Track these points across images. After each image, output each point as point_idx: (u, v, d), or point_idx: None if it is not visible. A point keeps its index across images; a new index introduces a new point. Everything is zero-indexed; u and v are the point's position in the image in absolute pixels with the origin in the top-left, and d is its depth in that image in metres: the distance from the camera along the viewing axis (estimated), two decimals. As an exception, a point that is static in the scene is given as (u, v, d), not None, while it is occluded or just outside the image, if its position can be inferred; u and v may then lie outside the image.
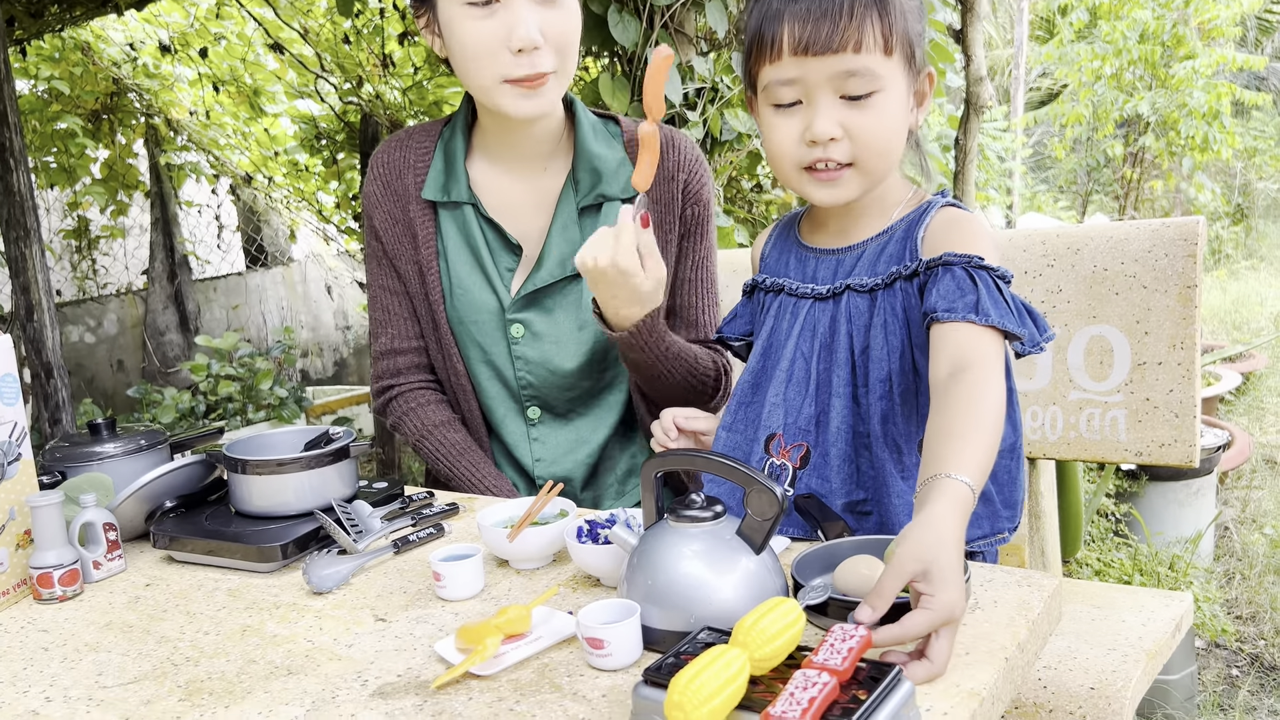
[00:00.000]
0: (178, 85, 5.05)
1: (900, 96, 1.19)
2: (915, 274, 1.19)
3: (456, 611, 1.09)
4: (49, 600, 1.19)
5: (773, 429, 1.29)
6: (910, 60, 1.19)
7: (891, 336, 1.21)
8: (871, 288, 1.23)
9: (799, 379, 1.28)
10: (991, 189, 7.69)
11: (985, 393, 1.04)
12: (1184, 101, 7.71)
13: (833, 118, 1.17)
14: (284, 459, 1.30)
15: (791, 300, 1.31)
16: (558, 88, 1.44)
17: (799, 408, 1.28)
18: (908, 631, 0.84)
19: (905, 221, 1.25)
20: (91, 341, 5.49)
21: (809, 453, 1.27)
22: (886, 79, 1.16)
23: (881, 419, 1.22)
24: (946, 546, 0.87)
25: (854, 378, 1.24)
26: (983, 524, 1.25)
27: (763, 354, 1.33)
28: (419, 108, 4.11)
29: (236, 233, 6.26)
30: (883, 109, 1.17)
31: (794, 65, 1.16)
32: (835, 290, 1.26)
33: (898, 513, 1.22)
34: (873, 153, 1.19)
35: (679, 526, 0.97)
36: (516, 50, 1.37)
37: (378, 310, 1.64)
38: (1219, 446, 3.29)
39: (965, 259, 1.15)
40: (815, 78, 1.16)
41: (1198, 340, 1.62)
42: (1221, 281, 9.42)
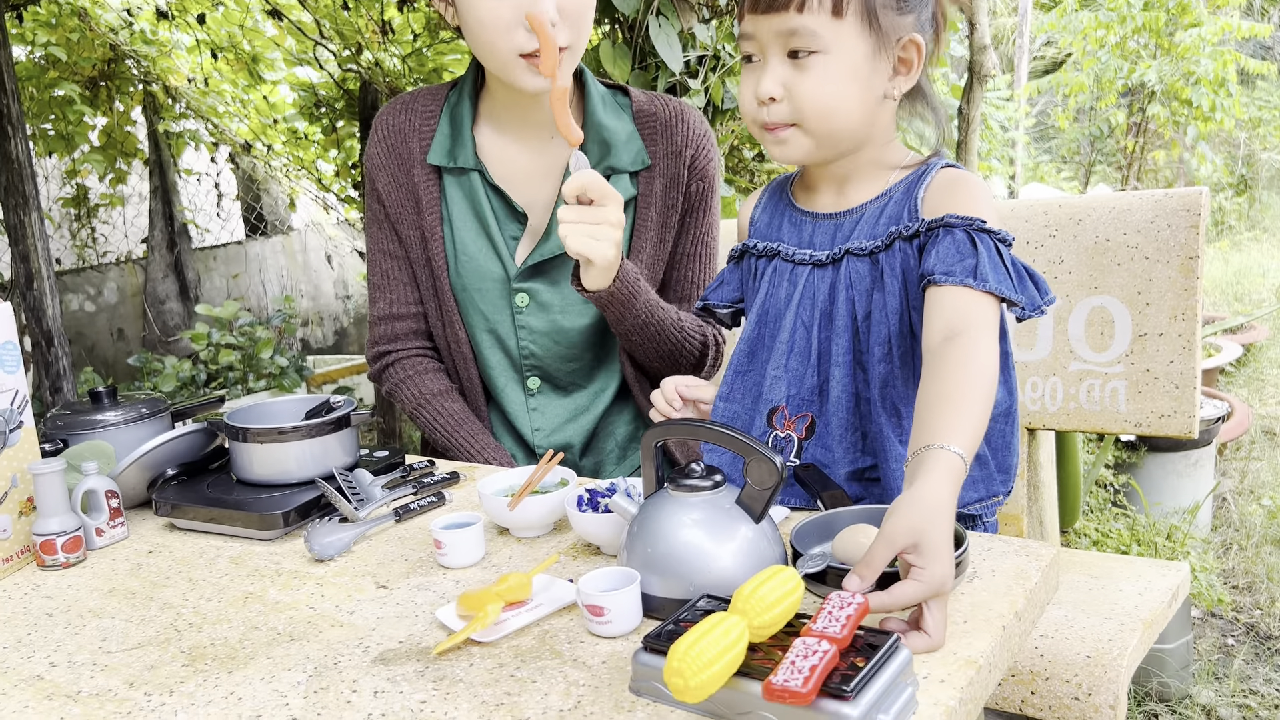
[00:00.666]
0: (175, 52, 5.01)
1: (851, 61, 1.16)
2: (916, 235, 1.18)
3: (457, 579, 1.09)
4: (52, 567, 1.20)
5: (775, 401, 1.29)
6: (870, 24, 1.16)
7: (891, 298, 1.20)
8: (872, 250, 1.21)
9: (800, 349, 1.27)
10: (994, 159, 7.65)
11: (977, 358, 1.04)
12: (1190, 70, 7.64)
13: (776, 77, 1.18)
14: (285, 427, 1.31)
15: (788, 266, 1.29)
16: (570, 62, 1.43)
17: (801, 378, 1.27)
18: (897, 600, 0.85)
19: (904, 183, 1.23)
20: (92, 310, 5.49)
21: (814, 423, 1.27)
22: (831, 41, 1.15)
23: (881, 384, 1.22)
24: (938, 518, 0.88)
25: (854, 344, 1.23)
26: (978, 487, 1.25)
27: (758, 322, 1.32)
28: (418, 75, 4.08)
29: (236, 201, 6.23)
30: (824, 71, 1.16)
31: (750, 22, 1.19)
32: (835, 256, 1.24)
33: (895, 477, 1.22)
34: (813, 114, 1.18)
35: (679, 495, 0.97)
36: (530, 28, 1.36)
37: (376, 274, 1.64)
38: (1218, 418, 3.29)
39: (967, 221, 1.14)
40: (765, 35, 1.17)
41: (1199, 311, 1.62)
42: (1224, 253, 9.39)
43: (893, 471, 1.22)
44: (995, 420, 1.24)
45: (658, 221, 1.56)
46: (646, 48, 2.49)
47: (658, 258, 1.58)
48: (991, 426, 1.24)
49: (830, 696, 0.72)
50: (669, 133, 1.55)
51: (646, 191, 1.55)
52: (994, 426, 1.24)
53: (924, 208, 1.20)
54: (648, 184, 1.55)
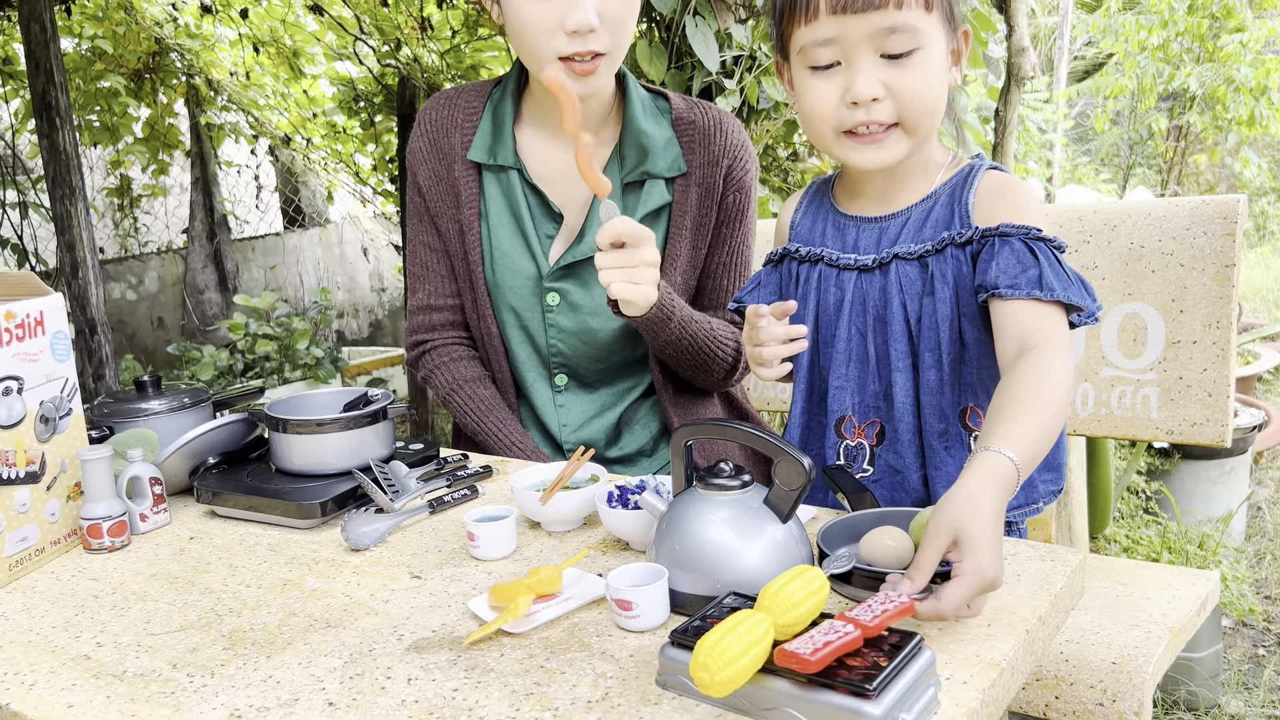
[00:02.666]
0: (218, 46, 5.09)
1: (941, 53, 1.16)
2: (969, 241, 1.18)
3: (489, 571, 1.12)
4: (98, 550, 1.24)
5: (841, 411, 1.28)
6: (949, 17, 1.16)
7: (941, 304, 1.19)
8: (921, 254, 1.20)
9: (858, 356, 1.26)
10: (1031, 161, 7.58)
11: (1049, 373, 1.04)
12: (1230, 76, 7.53)
13: (874, 77, 1.14)
14: (324, 419, 1.34)
15: (834, 272, 1.28)
16: (609, 68, 1.45)
17: (864, 385, 1.27)
18: (945, 604, 0.84)
19: (949, 186, 1.23)
20: (133, 299, 5.58)
21: (883, 429, 1.27)
22: (927, 35, 1.14)
23: (933, 390, 1.22)
24: (978, 513, 0.88)
25: (911, 348, 1.23)
26: (1018, 494, 1.25)
27: (814, 331, 1.30)
28: (456, 71, 4.11)
29: (275, 193, 6.31)
30: (925, 66, 1.15)
31: (831, 24, 1.13)
32: (883, 260, 1.23)
33: (937, 484, 1.23)
34: (918, 111, 1.16)
35: (707, 494, 0.99)
36: (571, 31, 1.38)
37: (416, 266, 1.67)
38: (1255, 426, 3.25)
39: (1024, 230, 1.13)
40: (854, 36, 1.13)
41: (1234, 320, 1.61)
42: (1265, 258, 9.24)
43: (934, 479, 1.23)
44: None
45: (691, 229, 1.57)
46: (683, 47, 2.51)
47: (691, 265, 1.59)
48: None
49: (853, 694, 0.74)
50: (707, 141, 1.56)
51: (681, 199, 1.56)
52: None
53: (975, 213, 1.19)
54: (683, 191, 1.56)
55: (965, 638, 0.89)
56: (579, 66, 1.41)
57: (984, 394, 1.22)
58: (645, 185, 1.55)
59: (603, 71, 1.44)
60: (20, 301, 1.20)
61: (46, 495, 1.23)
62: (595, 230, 1.56)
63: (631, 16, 1.44)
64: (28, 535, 1.20)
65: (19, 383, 1.19)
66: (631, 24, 1.45)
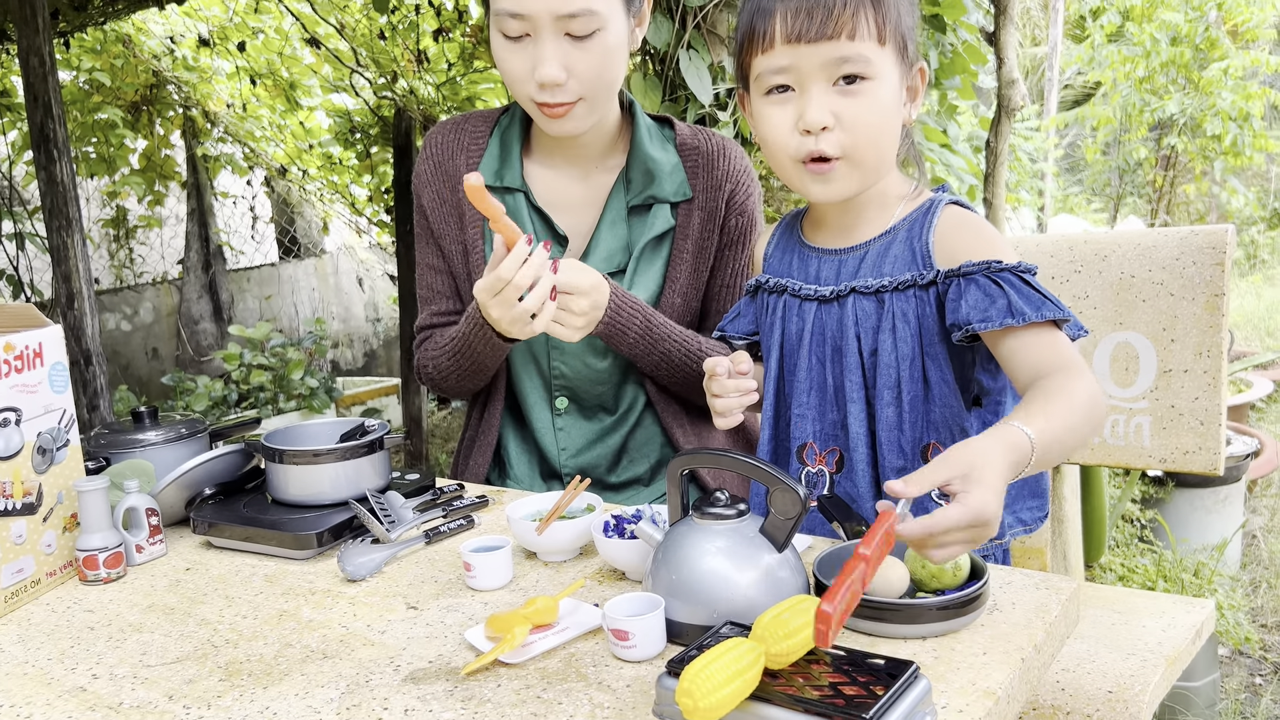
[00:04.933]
0: (216, 78, 5.13)
1: (893, 88, 1.19)
2: (932, 283, 1.20)
3: (486, 601, 1.12)
4: (94, 582, 1.24)
5: (803, 438, 1.31)
6: (903, 53, 1.19)
7: (902, 343, 1.22)
8: (878, 289, 1.23)
9: (818, 385, 1.30)
10: (1023, 190, 7.64)
11: (1074, 384, 1.06)
12: (1213, 104, 7.64)
13: (825, 105, 1.16)
14: (320, 450, 1.34)
15: (796, 302, 1.31)
16: (587, 113, 1.47)
17: (824, 414, 1.30)
18: (937, 523, 0.86)
19: (907, 221, 1.25)
20: (128, 329, 5.58)
21: (842, 457, 1.29)
22: (879, 68, 1.16)
23: (889, 426, 1.24)
24: (992, 458, 0.91)
25: (864, 381, 1.25)
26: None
27: (779, 360, 1.34)
28: (452, 103, 4.15)
29: (270, 224, 6.34)
30: (875, 97, 1.17)
31: (787, 53, 1.16)
32: (840, 293, 1.26)
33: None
34: (865, 142, 1.18)
35: (703, 523, 1.00)
36: (539, 84, 1.41)
37: (423, 288, 1.69)
38: (1248, 454, 3.27)
39: (984, 265, 1.15)
40: (808, 65, 1.16)
41: (1224, 348, 1.63)
42: (1256, 287, 9.29)
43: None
44: None
45: (693, 253, 1.59)
46: (677, 80, 2.53)
47: (692, 288, 1.61)
48: None
49: (849, 723, 0.74)
50: (710, 167, 1.59)
51: (684, 224, 1.58)
52: None
53: (936, 252, 1.21)
54: (686, 216, 1.58)
55: (961, 666, 0.89)
56: (550, 112, 1.44)
57: (946, 433, 1.23)
58: (652, 210, 1.57)
59: (577, 116, 1.46)
60: (20, 333, 1.20)
61: (43, 527, 1.23)
62: (600, 253, 1.58)
63: (609, 65, 1.44)
64: (24, 567, 1.20)
65: (17, 414, 1.19)
66: (610, 71, 1.45)
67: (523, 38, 1.41)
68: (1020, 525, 1.29)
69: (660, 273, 1.59)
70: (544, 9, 1.37)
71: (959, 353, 1.23)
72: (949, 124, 3.44)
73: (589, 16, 1.38)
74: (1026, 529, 1.29)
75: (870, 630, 0.96)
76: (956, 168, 3.42)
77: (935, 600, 0.95)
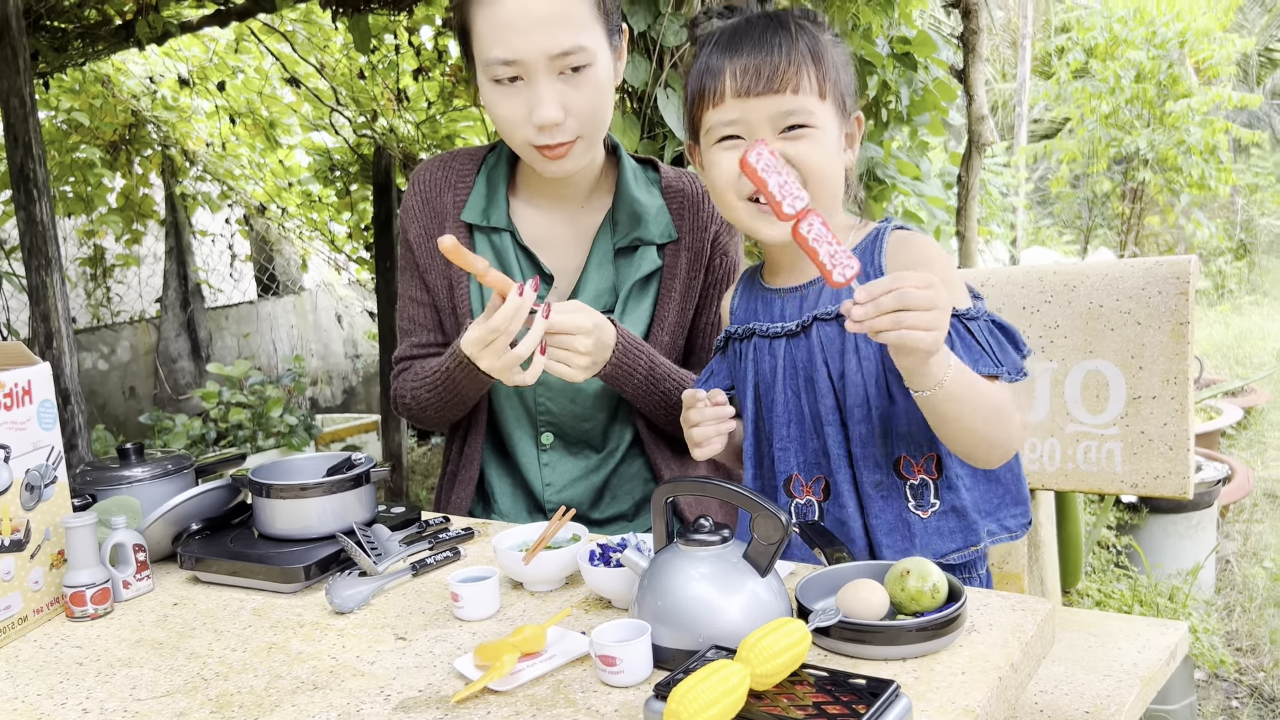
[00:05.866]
0: (195, 117, 5.15)
1: (833, 135, 1.29)
2: None
3: (474, 631, 1.13)
4: (81, 618, 1.24)
5: (788, 471, 1.35)
6: (842, 107, 1.30)
7: (866, 362, 1.28)
8: (838, 315, 1.29)
9: (796, 417, 1.34)
10: (995, 224, 7.77)
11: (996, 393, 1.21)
12: (1181, 139, 7.83)
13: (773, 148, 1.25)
14: (307, 483, 1.35)
15: (765, 342, 1.36)
16: (584, 149, 1.50)
17: (805, 444, 1.34)
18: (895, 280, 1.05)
19: (859, 250, 1.32)
20: (105, 368, 5.56)
21: (828, 484, 1.33)
22: (820, 118, 1.27)
23: (863, 442, 1.29)
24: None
25: (837, 403, 1.31)
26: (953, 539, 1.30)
27: (755, 400, 1.38)
28: (432, 140, 4.20)
29: (249, 262, 6.34)
30: (818, 142, 1.27)
31: (736, 107, 1.26)
32: (804, 324, 1.32)
33: (877, 532, 1.29)
34: (811, 180, 1.26)
35: (688, 550, 1.02)
36: (538, 126, 1.44)
37: (404, 320, 1.70)
38: (1219, 480, 3.32)
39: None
40: (756, 117, 1.26)
41: (1190, 375, 1.67)
42: (1225, 316, 9.46)
43: (874, 527, 1.29)
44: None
45: (680, 293, 1.62)
46: (655, 118, 2.58)
47: (679, 327, 1.63)
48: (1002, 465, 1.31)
49: (833, 741, 0.76)
50: (695, 209, 1.62)
51: (671, 264, 1.61)
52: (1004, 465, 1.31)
53: (888, 272, 1.28)
54: (673, 257, 1.61)
55: (940, 686, 0.91)
56: (549, 154, 1.47)
57: (914, 445, 1.29)
58: (638, 251, 1.60)
59: (576, 154, 1.49)
60: (10, 371, 1.21)
61: (30, 563, 1.24)
62: (587, 293, 1.60)
63: (602, 100, 1.48)
64: (11, 604, 1.20)
65: (6, 451, 1.20)
66: (604, 106, 1.49)
67: (515, 81, 1.43)
68: (1005, 532, 1.33)
69: (648, 313, 1.62)
70: (538, 51, 1.40)
71: None
72: (921, 159, 3.51)
73: (580, 53, 1.42)
74: (1011, 535, 1.33)
75: (852, 652, 0.99)
76: (929, 200, 3.49)
77: (914, 622, 0.98)
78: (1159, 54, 7.92)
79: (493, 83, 1.45)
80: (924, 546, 1.28)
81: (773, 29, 1.27)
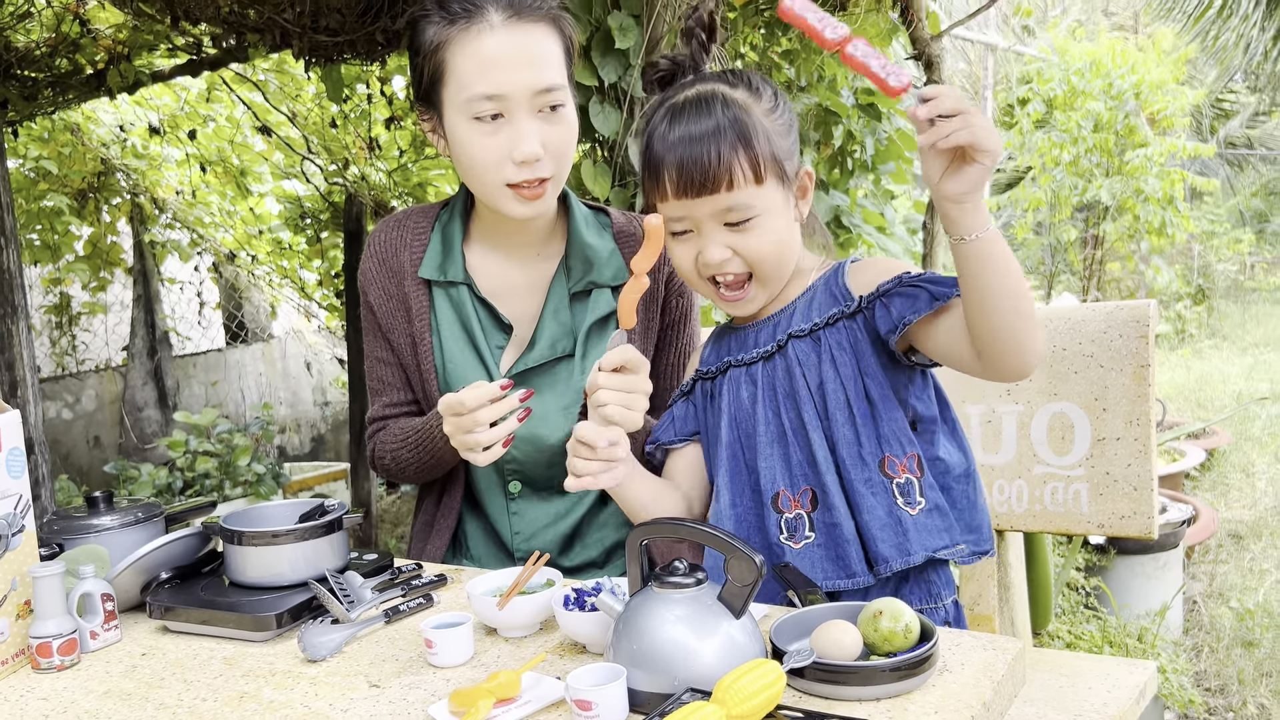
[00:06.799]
0: (165, 165, 5.15)
1: (779, 212, 1.34)
2: (858, 310, 1.32)
3: (448, 678, 1.13)
4: (47, 670, 1.22)
5: (775, 488, 1.37)
6: (783, 177, 1.33)
7: (843, 368, 1.33)
8: (811, 329, 1.35)
9: (777, 435, 1.37)
10: (960, 270, 7.88)
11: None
12: (1139, 188, 8.05)
13: (720, 243, 1.32)
14: (280, 530, 1.35)
15: (741, 370, 1.41)
16: (555, 190, 1.54)
17: (789, 457, 1.36)
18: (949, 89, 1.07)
19: (823, 278, 1.39)
20: (69, 418, 5.48)
21: (815, 494, 1.35)
22: (761, 205, 1.31)
23: (848, 443, 1.32)
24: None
25: (818, 412, 1.34)
26: (942, 536, 1.32)
27: (730, 427, 1.40)
28: (404, 189, 4.22)
29: (218, 309, 6.30)
30: (764, 229, 1.32)
31: (679, 205, 1.32)
32: (780, 343, 1.37)
33: (871, 528, 1.30)
34: (764, 264, 1.34)
35: (663, 593, 1.02)
36: (519, 162, 1.46)
37: (373, 380, 1.71)
38: (1184, 521, 3.37)
39: (896, 279, 1.29)
40: (699, 214, 1.31)
41: (1152, 417, 1.71)
42: (1186, 360, 9.62)
43: (865, 523, 1.31)
44: (956, 480, 1.35)
45: (640, 333, 1.64)
46: (625, 166, 2.62)
47: None
48: (953, 486, 1.35)
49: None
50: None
51: None
52: (955, 486, 1.35)
53: (853, 288, 1.35)
54: None
55: (914, 725, 0.92)
56: (528, 192, 1.49)
57: (896, 445, 1.33)
58: (592, 294, 1.62)
59: (549, 194, 1.52)
60: (-22, 419, 1.21)
61: (-5, 614, 1.22)
62: (545, 339, 1.61)
63: (571, 142, 1.53)
64: (-25, 656, 1.18)
65: (-27, 500, 1.19)
66: (572, 149, 1.54)
67: (496, 119, 1.46)
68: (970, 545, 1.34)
69: None
70: (522, 86, 1.44)
71: (894, 374, 1.34)
72: (886, 207, 3.58)
73: (560, 91, 1.48)
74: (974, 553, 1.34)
75: (826, 693, 0.99)
76: (894, 250, 3.55)
77: (887, 662, 0.99)
78: (1115, 105, 8.15)
79: (472, 121, 1.47)
80: (916, 542, 1.30)
81: (702, 116, 1.29)
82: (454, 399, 1.38)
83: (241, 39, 3.28)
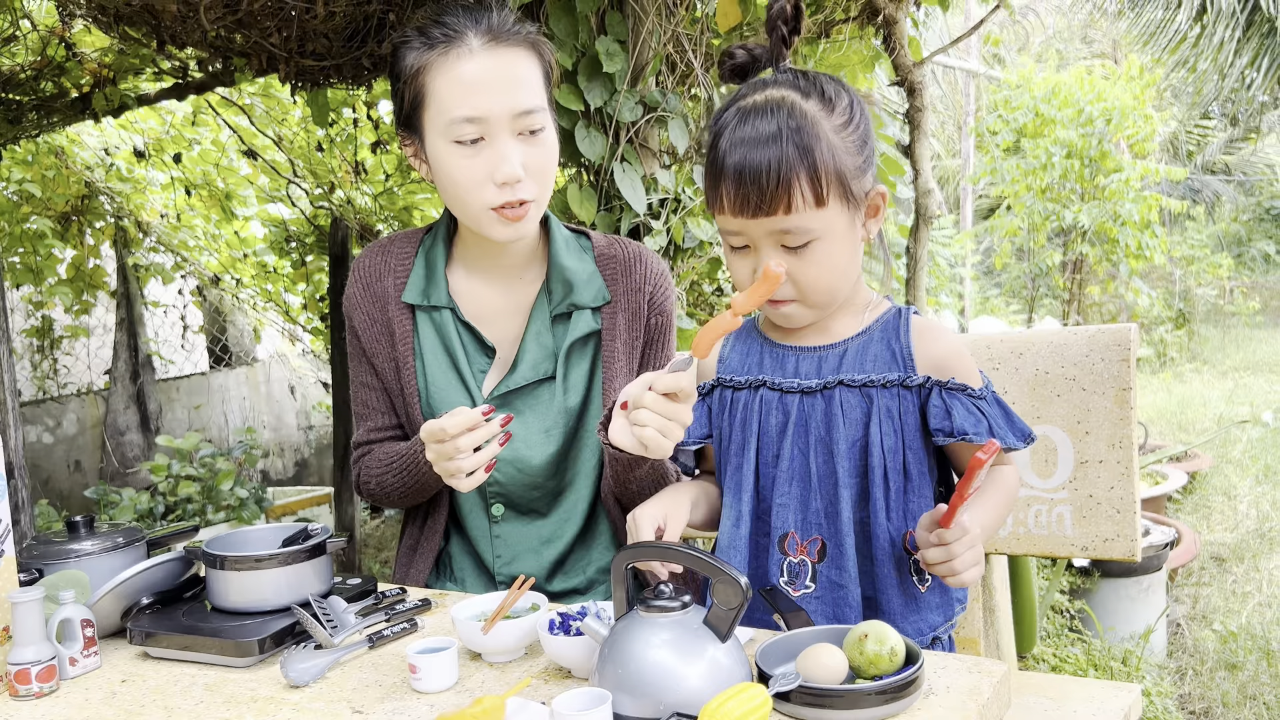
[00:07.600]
0: (150, 189, 5.14)
1: (840, 237, 1.28)
2: (921, 386, 1.30)
3: (432, 703, 1.12)
4: (25, 697, 1.21)
5: (784, 528, 1.34)
6: (847, 198, 1.27)
7: (887, 437, 1.30)
8: (864, 384, 1.31)
9: (800, 475, 1.33)
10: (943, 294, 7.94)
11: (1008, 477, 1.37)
12: (1116, 212, 8.14)
13: (778, 263, 1.26)
14: (263, 555, 1.34)
15: (776, 395, 1.35)
16: (537, 212, 1.54)
17: (807, 503, 1.33)
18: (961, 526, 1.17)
19: (880, 322, 1.35)
20: (50, 441, 5.44)
21: (825, 546, 1.33)
22: (821, 229, 1.25)
23: (879, 512, 1.30)
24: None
25: (856, 469, 1.31)
26: (940, 611, 1.32)
27: (741, 449, 1.37)
28: (389, 212, 4.23)
29: (201, 333, 6.28)
30: (821, 256, 1.27)
31: (736, 222, 1.27)
32: (827, 384, 1.32)
33: (890, 601, 1.30)
34: (815, 293, 1.30)
35: (648, 617, 1.02)
36: (501, 184, 1.47)
37: (358, 405, 1.71)
38: (1167, 544, 3.38)
39: (963, 387, 1.29)
40: (756, 233, 1.27)
41: (1134, 439, 1.72)
42: (1167, 384, 9.69)
43: (886, 596, 1.30)
44: None
45: (624, 353, 1.65)
46: (611, 190, 2.63)
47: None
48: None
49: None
50: (628, 271, 1.66)
51: (610, 325, 1.64)
52: None
53: (917, 358, 1.31)
54: (610, 318, 1.64)
55: (900, 749, 0.92)
56: (510, 213, 1.50)
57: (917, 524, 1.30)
58: (573, 316, 1.63)
59: (531, 216, 1.53)
60: (-42, 443, 1.20)
61: (-27, 641, 1.20)
62: (527, 362, 1.62)
63: (553, 165, 1.55)
64: (-48, 683, 1.17)
65: (-48, 525, 1.18)
66: (553, 171, 1.55)
67: (477, 142, 1.47)
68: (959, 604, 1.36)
69: (586, 374, 1.64)
70: (503, 108, 1.45)
71: (933, 450, 1.34)
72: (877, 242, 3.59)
73: (540, 113, 1.49)
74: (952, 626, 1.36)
75: (812, 717, 0.99)
76: (878, 274, 3.57)
77: (873, 685, 0.99)
78: (1086, 131, 8.26)
79: (454, 144, 1.48)
80: (926, 621, 1.31)
81: (767, 127, 1.23)
82: (435, 426, 1.38)
83: (228, 63, 3.28)
